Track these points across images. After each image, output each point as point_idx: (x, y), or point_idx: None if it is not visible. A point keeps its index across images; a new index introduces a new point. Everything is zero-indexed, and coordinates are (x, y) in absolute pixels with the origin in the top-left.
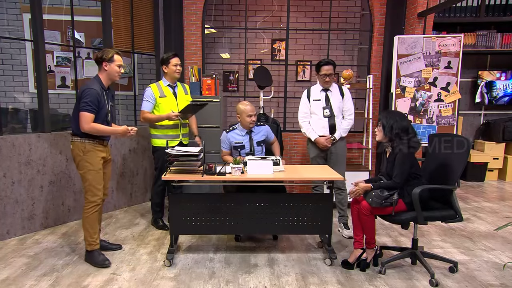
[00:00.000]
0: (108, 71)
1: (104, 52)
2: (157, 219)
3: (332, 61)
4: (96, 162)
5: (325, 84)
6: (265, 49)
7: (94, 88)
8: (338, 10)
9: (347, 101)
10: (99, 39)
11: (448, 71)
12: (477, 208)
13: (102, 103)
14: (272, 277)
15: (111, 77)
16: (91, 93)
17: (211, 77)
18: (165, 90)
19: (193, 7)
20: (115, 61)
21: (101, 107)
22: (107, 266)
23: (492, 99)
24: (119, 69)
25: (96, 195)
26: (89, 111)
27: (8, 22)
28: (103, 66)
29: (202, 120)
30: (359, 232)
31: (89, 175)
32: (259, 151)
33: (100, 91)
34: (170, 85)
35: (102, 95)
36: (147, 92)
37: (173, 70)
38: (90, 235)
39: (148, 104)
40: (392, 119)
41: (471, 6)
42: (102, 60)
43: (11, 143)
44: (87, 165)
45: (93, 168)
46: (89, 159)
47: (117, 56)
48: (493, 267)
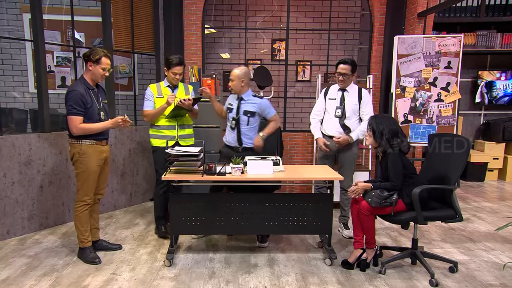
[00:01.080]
0: (92, 71)
1: (93, 51)
2: (159, 225)
3: (350, 61)
4: (91, 164)
5: (340, 83)
6: (265, 49)
7: (77, 89)
8: (338, 10)
9: (365, 105)
10: (99, 39)
11: (448, 71)
12: (477, 208)
13: (89, 103)
14: (272, 277)
15: (94, 78)
16: (73, 95)
17: (211, 77)
18: (163, 91)
19: (193, 7)
20: (101, 64)
21: (88, 107)
22: (97, 263)
23: (492, 99)
24: (103, 71)
25: (87, 195)
26: (75, 114)
27: (8, 22)
28: (88, 65)
29: (202, 120)
30: (359, 232)
31: (82, 176)
32: (244, 121)
33: (85, 91)
34: (170, 86)
35: (87, 95)
36: (147, 91)
37: (171, 77)
38: (81, 233)
39: (149, 102)
40: (382, 124)
41: (471, 6)
42: (88, 59)
43: (11, 143)
44: (81, 167)
45: (87, 170)
46: (85, 161)
47: (105, 58)
48: (493, 267)
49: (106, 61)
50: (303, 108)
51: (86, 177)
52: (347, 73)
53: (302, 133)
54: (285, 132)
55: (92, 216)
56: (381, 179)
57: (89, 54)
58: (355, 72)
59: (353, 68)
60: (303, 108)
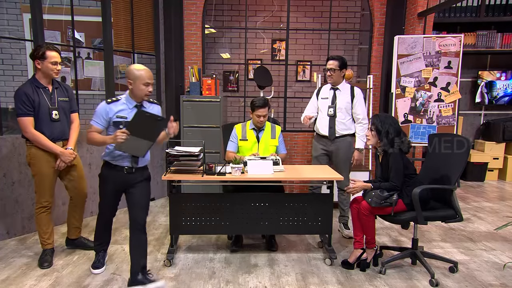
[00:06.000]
0: (42, 69)
1: (36, 49)
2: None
3: (337, 57)
4: (43, 167)
5: (328, 79)
6: (265, 49)
7: (22, 88)
8: (338, 10)
9: (357, 104)
10: (99, 39)
11: (448, 71)
12: (477, 208)
13: (37, 102)
14: (272, 277)
15: (47, 75)
16: (17, 95)
17: (211, 77)
18: (248, 134)
19: (193, 7)
20: (48, 58)
21: (36, 106)
22: (45, 267)
23: (492, 99)
24: (53, 66)
25: (43, 198)
26: (23, 115)
27: (8, 22)
28: (36, 64)
29: (202, 120)
30: (359, 232)
31: (37, 179)
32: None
33: (33, 90)
34: (255, 128)
35: (34, 94)
36: (232, 132)
37: (256, 120)
38: (40, 235)
39: (232, 144)
40: (387, 123)
41: (471, 6)
42: (33, 57)
43: (11, 143)
44: (34, 169)
45: (39, 173)
46: (37, 164)
47: (50, 52)
48: (493, 267)
49: (51, 54)
50: (303, 108)
51: (39, 179)
52: (335, 68)
53: (302, 133)
54: (285, 132)
55: (73, 215)
56: (381, 179)
57: (32, 53)
58: (345, 69)
59: (341, 64)
60: (303, 108)
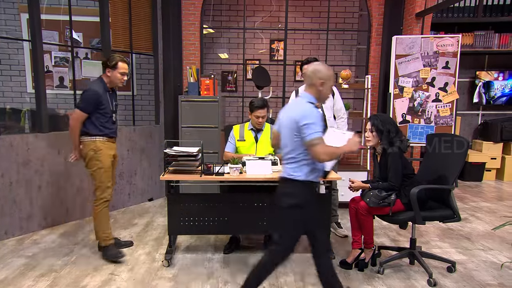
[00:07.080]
0: (111, 77)
1: (109, 58)
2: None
3: (312, 59)
4: (106, 160)
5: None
6: (264, 49)
7: (95, 88)
8: (336, 10)
9: (338, 100)
10: (97, 39)
11: (446, 71)
12: (475, 208)
13: (105, 104)
14: (271, 277)
15: (113, 83)
16: (88, 92)
17: (209, 77)
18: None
19: (191, 7)
20: (118, 69)
21: (103, 107)
22: (119, 257)
23: (490, 99)
24: (121, 76)
25: (106, 192)
26: (83, 109)
27: (6, 22)
28: (106, 71)
29: (200, 120)
30: (357, 232)
31: (99, 173)
32: None
33: (103, 92)
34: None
35: (104, 95)
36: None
37: (255, 121)
38: (102, 231)
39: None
40: (387, 124)
41: (469, 7)
42: (106, 66)
43: (9, 143)
44: (97, 163)
45: (102, 166)
46: (100, 157)
47: (121, 63)
48: (491, 266)
49: (123, 66)
50: None
51: (102, 173)
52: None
53: None
54: None
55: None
56: (379, 179)
57: (106, 61)
58: None
59: None
60: None
